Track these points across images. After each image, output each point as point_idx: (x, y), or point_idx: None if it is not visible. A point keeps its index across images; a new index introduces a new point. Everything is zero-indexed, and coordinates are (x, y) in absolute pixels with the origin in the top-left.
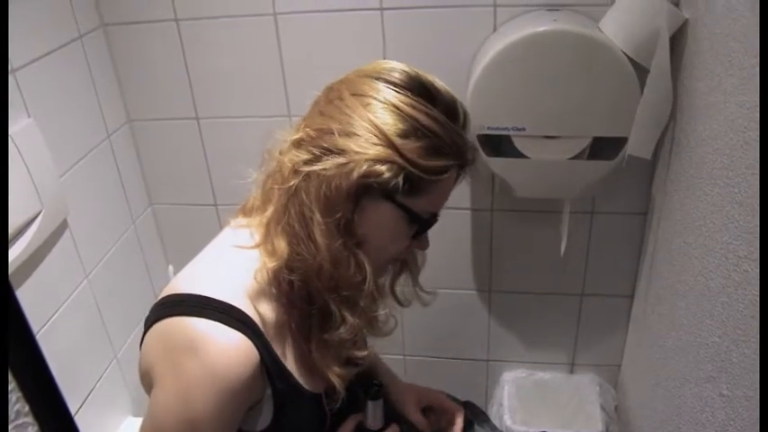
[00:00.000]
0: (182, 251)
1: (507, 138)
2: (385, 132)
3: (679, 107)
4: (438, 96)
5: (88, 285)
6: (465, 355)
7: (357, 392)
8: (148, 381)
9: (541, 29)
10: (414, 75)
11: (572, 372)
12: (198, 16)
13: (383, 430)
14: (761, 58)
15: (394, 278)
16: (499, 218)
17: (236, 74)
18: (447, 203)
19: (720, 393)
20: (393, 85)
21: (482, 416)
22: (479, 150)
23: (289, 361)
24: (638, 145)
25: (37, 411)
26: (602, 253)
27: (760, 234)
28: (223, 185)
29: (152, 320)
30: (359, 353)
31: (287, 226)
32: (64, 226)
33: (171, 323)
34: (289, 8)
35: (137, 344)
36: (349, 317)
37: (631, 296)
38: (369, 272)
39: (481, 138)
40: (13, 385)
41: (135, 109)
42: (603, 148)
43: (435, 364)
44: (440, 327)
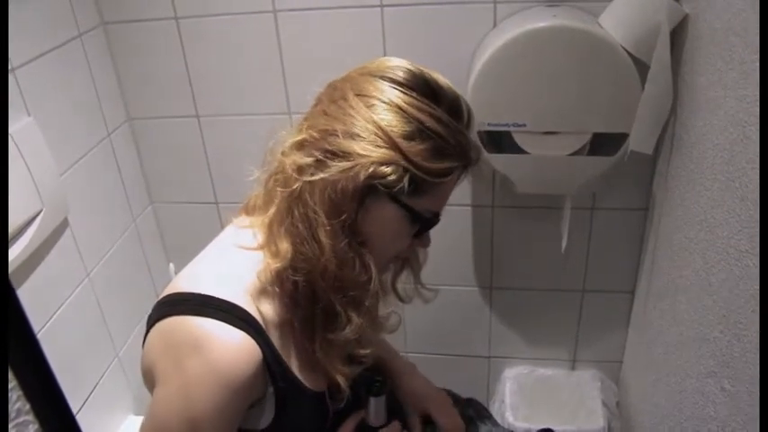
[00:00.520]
0: (182, 249)
1: (508, 134)
2: (389, 134)
3: (679, 102)
4: (442, 95)
5: (89, 284)
6: (467, 352)
7: (360, 389)
8: (151, 379)
9: (541, 24)
10: (418, 73)
11: (573, 368)
12: (197, 14)
13: (385, 426)
14: (761, 53)
15: (395, 275)
16: (500, 214)
17: (236, 71)
18: (448, 200)
19: (722, 388)
20: (397, 85)
21: (484, 413)
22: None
23: (291, 359)
24: (639, 140)
25: (37, 410)
26: (602, 249)
27: (760, 229)
28: (223, 183)
29: (154, 319)
30: (363, 351)
31: (291, 227)
32: (64, 225)
33: (173, 322)
34: (288, 5)
35: (138, 342)
36: (354, 317)
37: (632, 292)
38: (374, 271)
39: (482, 134)
40: (14, 383)
41: (135, 107)
42: (604, 144)
43: (437, 361)
44: (441, 323)
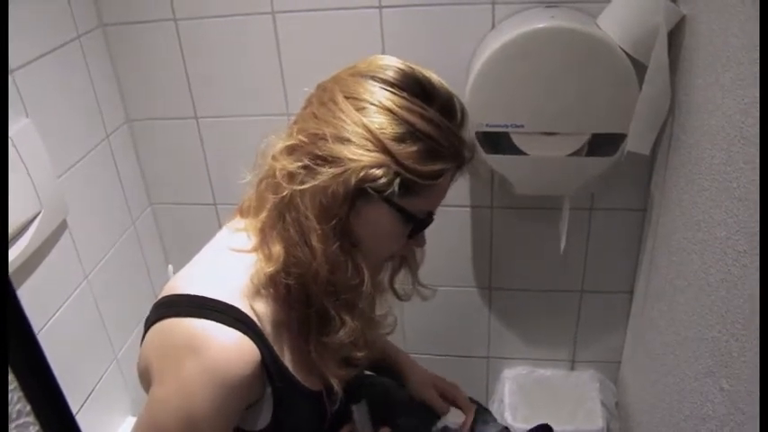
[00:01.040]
0: (181, 251)
1: (506, 135)
2: (379, 138)
3: (677, 103)
4: (434, 94)
5: (88, 285)
6: (466, 353)
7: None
8: (147, 379)
9: (539, 26)
10: (408, 72)
11: (572, 368)
12: (196, 15)
13: None
14: (761, 54)
15: (393, 274)
16: (499, 215)
17: (234, 73)
18: (446, 201)
19: (721, 388)
20: (387, 85)
21: (484, 411)
22: (478, 147)
23: (288, 360)
24: (636, 141)
25: (38, 411)
26: (601, 249)
27: (760, 229)
28: (222, 185)
29: (152, 320)
30: (358, 353)
31: (283, 231)
32: (63, 226)
33: (171, 323)
34: (287, 7)
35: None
36: (348, 320)
37: (631, 292)
38: (366, 274)
39: (480, 135)
40: (15, 385)
41: (134, 109)
42: (602, 145)
43: (436, 362)
44: (440, 324)
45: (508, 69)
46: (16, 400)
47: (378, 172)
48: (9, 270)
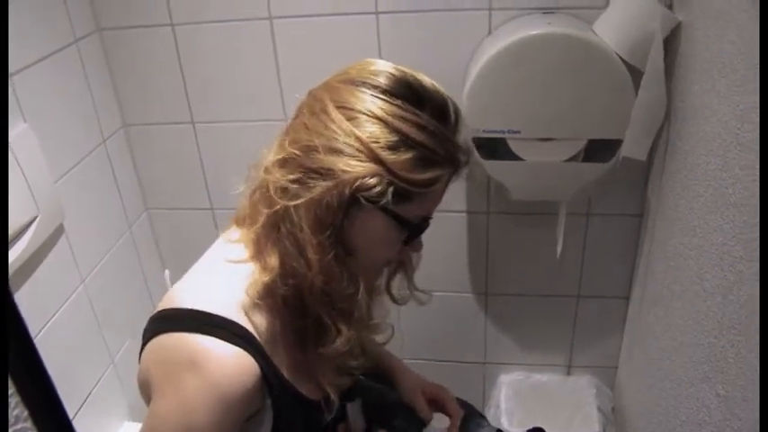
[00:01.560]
0: (178, 256)
1: (502, 140)
2: (371, 148)
3: (673, 109)
4: (426, 98)
5: (84, 290)
6: (462, 358)
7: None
8: (147, 393)
9: (536, 32)
10: (400, 77)
11: (569, 374)
12: (193, 21)
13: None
14: (761, 60)
15: (389, 278)
16: (495, 220)
17: (231, 78)
18: (443, 206)
19: (717, 393)
20: (379, 92)
21: (477, 415)
22: (474, 152)
23: (286, 370)
24: (632, 147)
25: (36, 416)
26: (597, 255)
27: (760, 235)
28: (219, 190)
29: (151, 334)
30: (354, 362)
31: (277, 242)
32: (60, 231)
33: (170, 339)
34: (284, 12)
35: (133, 349)
36: (344, 329)
37: (627, 298)
38: (361, 283)
39: (476, 140)
40: (12, 390)
41: (130, 113)
42: (598, 151)
43: (432, 367)
44: (437, 329)
45: (505, 75)
46: (14, 406)
47: (371, 182)
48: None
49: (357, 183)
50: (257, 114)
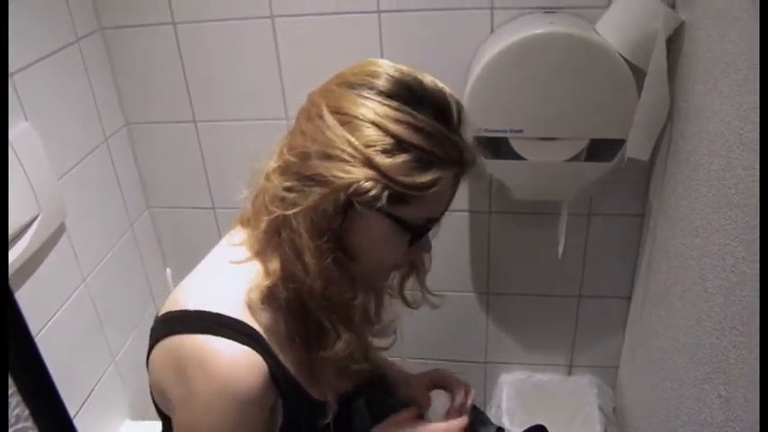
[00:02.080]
0: (179, 254)
1: (505, 140)
2: (364, 152)
3: (676, 109)
4: (426, 98)
5: (86, 288)
6: (463, 357)
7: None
8: (160, 395)
9: (538, 31)
10: (398, 78)
11: (570, 373)
12: (195, 19)
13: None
14: (761, 60)
15: (402, 280)
16: (497, 220)
17: (233, 77)
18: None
19: (718, 394)
20: (375, 94)
21: (479, 414)
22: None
23: (293, 369)
24: (635, 147)
25: (37, 416)
26: (599, 255)
27: (760, 236)
28: (220, 188)
29: (158, 336)
30: (356, 366)
31: (278, 247)
32: (62, 229)
33: (179, 341)
34: (286, 11)
35: (135, 347)
36: (344, 333)
37: (629, 298)
38: (360, 288)
39: (478, 140)
40: (14, 389)
41: (132, 112)
42: (601, 150)
43: (434, 367)
44: (438, 329)
45: (507, 75)
46: (15, 405)
47: (365, 186)
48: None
49: (351, 188)
50: (259, 113)
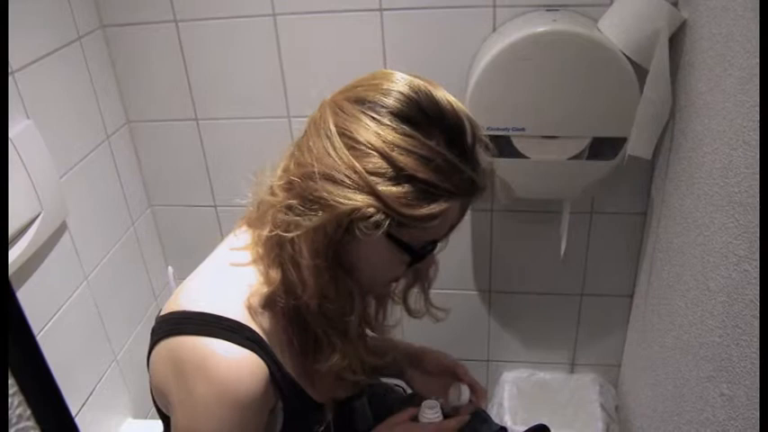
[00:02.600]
0: (181, 252)
1: (507, 138)
2: (368, 182)
3: (678, 107)
4: (439, 120)
5: (87, 287)
6: (465, 356)
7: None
8: (161, 396)
9: (541, 29)
10: (412, 98)
11: (572, 371)
12: (197, 17)
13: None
14: (761, 59)
15: (406, 289)
16: (499, 218)
17: (235, 75)
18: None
19: (721, 393)
20: (385, 115)
21: (481, 412)
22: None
23: (293, 372)
24: (637, 145)
25: (39, 415)
26: (601, 253)
27: (760, 234)
28: (222, 187)
29: (159, 337)
30: (353, 377)
31: (279, 257)
32: (63, 227)
33: (179, 343)
34: (288, 9)
35: (136, 346)
36: (340, 346)
37: (631, 296)
38: (357, 303)
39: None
40: (15, 389)
41: (134, 110)
42: (603, 149)
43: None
44: (440, 327)
45: (509, 73)
46: (17, 405)
47: (367, 212)
48: (9, 271)
49: (354, 214)
50: (260, 111)
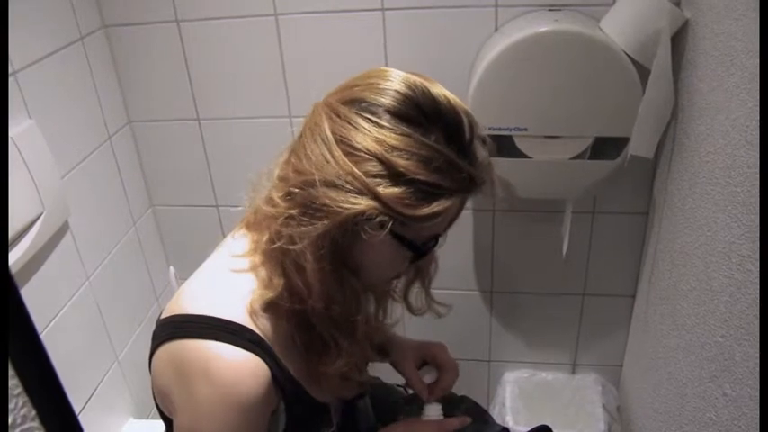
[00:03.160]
0: (182, 252)
1: (509, 138)
2: (369, 186)
3: (680, 107)
4: (437, 117)
5: (89, 287)
6: (467, 356)
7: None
8: (162, 399)
9: (543, 29)
10: (409, 96)
11: (574, 372)
12: (199, 17)
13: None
14: (761, 58)
15: (407, 285)
16: (501, 218)
17: (237, 75)
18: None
19: (723, 393)
20: (383, 115)
21: (482, 413)
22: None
23: (296, 373)
24: (639, 145)
25: (43, 416)
26: (603, 253)
27: (760, 234)
28: (224, 186)
29: (161, 339)
30: (359, 377)
31: (281, 262)
32: (65, 228)
33: (181, 346)
34: (290, 9)
35: (138, 346)
36: (346, 347)
37: (633, 296)
38: (362, 304)
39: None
40: (19, 390)
41: (136, 110)
42: (605, 148)
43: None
44: (442, 327)
45: (511, 73)
46: (21, 405)
47: (370, 214)
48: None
49: (357, 217)
50: (262, 111)
